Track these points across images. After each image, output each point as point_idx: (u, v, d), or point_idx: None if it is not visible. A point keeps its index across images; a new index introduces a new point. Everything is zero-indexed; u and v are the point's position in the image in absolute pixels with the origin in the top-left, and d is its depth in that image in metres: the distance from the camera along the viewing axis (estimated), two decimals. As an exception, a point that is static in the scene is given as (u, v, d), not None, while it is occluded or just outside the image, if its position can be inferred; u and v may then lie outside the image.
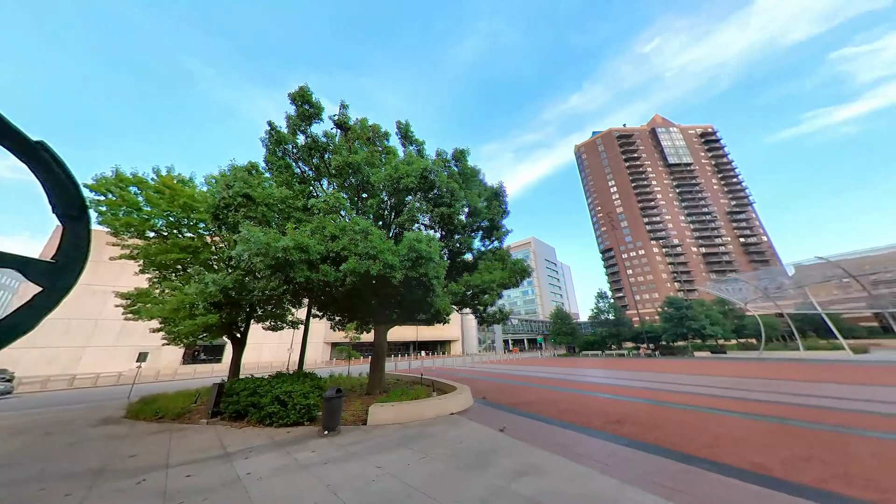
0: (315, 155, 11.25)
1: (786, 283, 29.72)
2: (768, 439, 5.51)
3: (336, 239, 7.75)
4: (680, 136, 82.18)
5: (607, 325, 38.47)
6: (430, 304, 8.28)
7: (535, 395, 10.88)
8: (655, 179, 77.17)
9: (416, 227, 10.67)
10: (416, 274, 7.11)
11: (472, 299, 10.11)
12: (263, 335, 33.06)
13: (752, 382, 12.39)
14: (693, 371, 17.32)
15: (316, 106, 10.12)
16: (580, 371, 19.61)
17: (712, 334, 30.79)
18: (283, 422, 7.04)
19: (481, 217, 10.55)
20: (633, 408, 8.40)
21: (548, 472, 4.32)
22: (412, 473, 4.34)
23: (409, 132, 12.82)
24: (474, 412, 8.20)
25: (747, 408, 7.98)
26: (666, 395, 10.19)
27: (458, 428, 6.63)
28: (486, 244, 12.80)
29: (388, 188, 9.17)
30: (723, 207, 74.50)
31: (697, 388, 11.42)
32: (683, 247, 70.60)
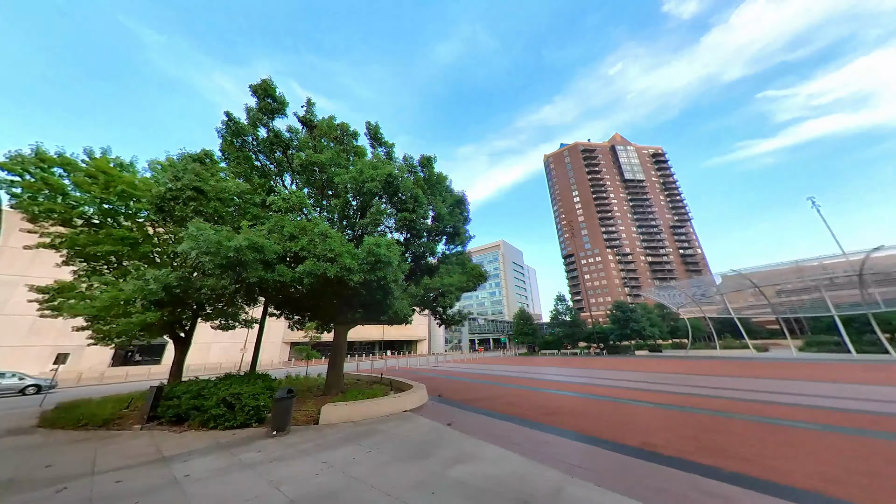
0: (278, 149, 10.93)
1: (712, 290, 34.38)
2: (666, 423, 6.65)
3: (295, 239, 7.72)
4: (635, 154, 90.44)
5: (564, 326, 41.31)
6: (389, 305, 8.56)
7: (487, 391, 11.64)
8: (613, 192, 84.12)
9: (381, 228, 10.87)
10: (375, 277, 7.37)
11: (432, 301, 10.56)
12: (213, 334, 30.61)
13: (672, 377, 14.36)
14: (629, 368, 19.49)
15: (280, 101, 9.87)
16: (533, 369, 21.04)
17: (651, 335, 34.59)
18: (230, 424, 6.89)
19: (445, 223, 11.03)
20: (568, 401, 9.44)
21: (480, 458, 4.88)
22: (356, 466, 4.64)
23: (378, 134, 12.92)
24: (428, 409, 8.65)
25: (660, 399, 9.38)
26: (599, 389, 11.51)
27: (409, 424, 7.02)
28: (451, 248, 13.34)
29: (353, 190, 9.27)
30: (667, 221, 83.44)
31: (626, 382, 13.00)
32: (633, 255, 77.86)
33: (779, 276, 28.67)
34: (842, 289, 26.63)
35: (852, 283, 24.54)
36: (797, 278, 27.00)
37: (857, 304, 24.60)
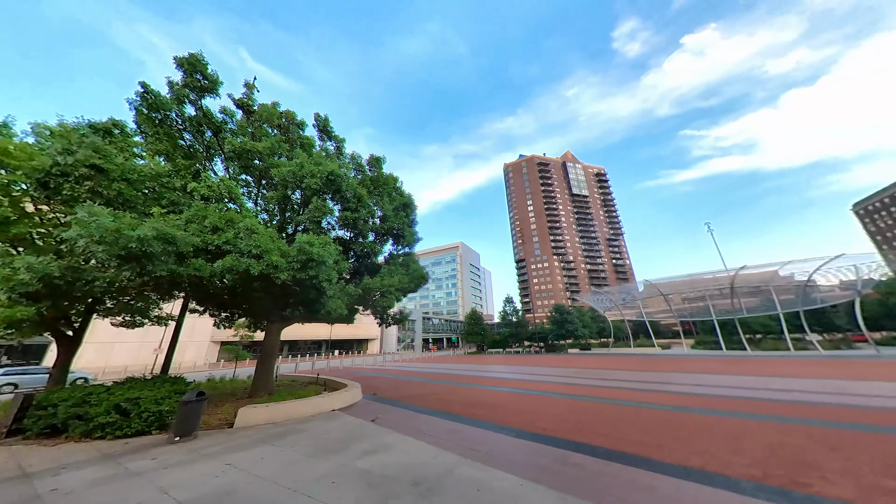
0: (207, 130, 9.97)
1: (635, 297, 39.88)
2: (570, 412, 7.76)
3: (219, 231, 7.22)
4: (582, 172, 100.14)
5: (510, 326, 44.08)
6: (323, 304, 8.45)
7: (423, 388, 12.10)
8: (562, 205, 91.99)
9: (325, 225, 10.61)
10: (306, 276, 7.25)
11: (372, 301, 10.64)
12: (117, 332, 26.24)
13: (590, 372, 16.47)
14: (557, 364, 21.75)
15: (211, 79, 9.02)
16: (474, 366, 22.23)
17: (582, 335, 38.82)
18: (122, 432, 6.19)
19: (390, 224, 11.18)
20: (493, 395, 10.34)
21: (393, 449, 5.23)
22: (263, 465, 4.64)
23: (328, 127, 12.54)
24: (358, 407, 8.75)
25: (573, 391, 10.79)
26: (525, 383, 12.75)
27: (333, 422, 7.08)
28: (398, 249, 13.51)
29: (291, 185, 8.93)
30: (604, 234, 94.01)
31: (550, 377, 14.59)
32: (575, 263, 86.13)
33: (678, 287, 34.43)
34: (721, 298, 33.08)
35: (726, 294, 30.68)
36: (690, 289, 32.82)
37: (729, 311, 30.84)
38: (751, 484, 3.68)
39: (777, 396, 8.64)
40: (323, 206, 8.70)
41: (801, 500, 3.31)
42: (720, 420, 6.52)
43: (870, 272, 24.47)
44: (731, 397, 8.75)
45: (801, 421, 6.24)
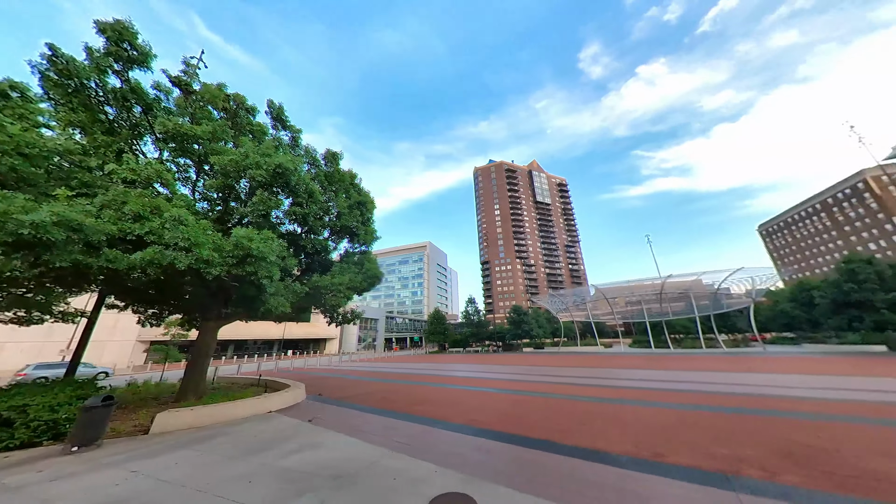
0: (136, 106, 8.98)
1: (586, 299, 43.34)
2: (502, 405, 8.36)
3: (141, 220, 6.60)
4: (546, 181, 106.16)
5: (471, 326, 45.33)
6: (263, 301, 8.11)
7: (372, 388, 12.11)
8: (526, 211, 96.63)
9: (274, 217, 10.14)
10: (244, 272, 6.93)
11: (319, 300, 10.41)
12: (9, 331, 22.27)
13: (534, 369, 17.67)
14: (511, 362, 22.98)
15: (143, 52, 8.14)
16: (431, 365, 22.60)
17: (536, 335, 41.30)
18: (2, 445, 5.40)
19: (343, 221, 11.02)
20: (439, 392, 10.73)
21: (323, 446, 5.28)
22: (173, 470, 4.42)
23: (282, 116, 11.96)
24: (299, 408, 8.54)
25: (513, 386, 11.56)
26: (473, 380, 13.36)
27: (265, 423, 6.88)
28: (354, 247, 13.33)
29: (233, 175, 8.42)
30: (563, 241, 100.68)
31: (496, 374, 15.44)
32: (536, 267, 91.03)
33: (621, 291, 38.26)
34: (655, 303, 37.42)
35: (657, 299, 34.81)
36: (629, 294, 36.69)
37: (659, 314, 35.09)
38: (625, 458, 4.43)
39: (675, 387, 10.18)
40: (268, 200, 8.34)
41: (651, 467, 4.08)
42: (622, 408, 7.56)
43: (762, 283, 29.54)
44: (640, 388, 10.11)
45: (681, 406, 7.49)
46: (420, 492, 3.60)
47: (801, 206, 75.37)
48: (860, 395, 8.16)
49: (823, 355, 19.86)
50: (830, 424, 5.69)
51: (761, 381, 10.87)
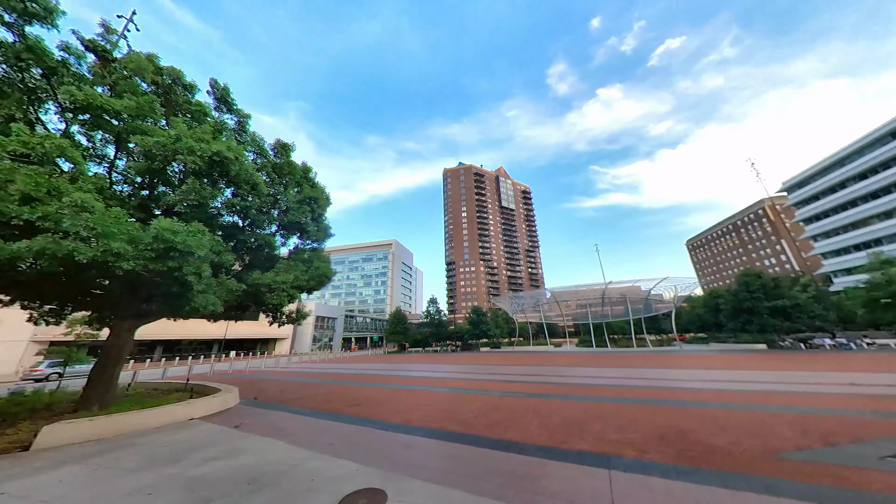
0: (35, 67, 7.67)
1: (542, 301, 46.08)
2: (436, 402, 8.68)
3: (33, 203, 5.70)
4: (511, 187, 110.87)
5: (432, 326, 45.66)
6: (189, 299, 7.45)
7: (316, 390, 11.74)
8: (492, 215, 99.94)
9: (215, 205, 9.34)
10: (165, 267, 6.33)
11: (260, 298, 9.84)
12: None
13: (484, 367, 18.46)
14: (464, 361, 23.68)
15: (44, 5, 6.98)
16: (386, 365, 22.43)
17: (494, 335, 43.00)
18: None
19: (291, 216, 10.53)
20: (383, 392, 10.78)
21: (245, 452, 5.08)
22: (54, 489, 3.94)
23: (227, 98, 11.04)
24: (229, 413, 8.01)
25: (460, 384, 12.01)
26: (420, 380, 13.61)
27: (183, 432, 6.37)
28: (305, 243, 12.77)
29: (161, 159, 7.61)
30: (524, 245, 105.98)
31: (448, 373, 15.88)
32: (498, 269, 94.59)
33: (572, 295, 41.46)
34: (599, 306, 41.19)
35: (600, 303, 38.42)
36: (577, 297, 39.99)
37: (602, 316, 38.79)
38: (534, 447, 4.97)
39: (600, 382, 11.46)
40: (202, 190, 7.68)
41: (554, 453, 4.65)
42: (549, 402, 8.35)
43: (683, 290, 34.24)
44: (571, 384, 11.20)
45: (599, 399, 8.51)
46: (335, 490, 3.70)
47: (718, 226, 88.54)
48: (736, 385, 9.98)
49: (721, 353, 23.70)
50: (703, 410, 6.93)
51: (669, 375, 12.69)
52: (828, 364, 14.31)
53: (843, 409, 6.53)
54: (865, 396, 7.62)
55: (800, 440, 4.75)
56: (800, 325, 24.97)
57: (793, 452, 4.28)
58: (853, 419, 5.82)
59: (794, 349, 23.90)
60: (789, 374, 11.93)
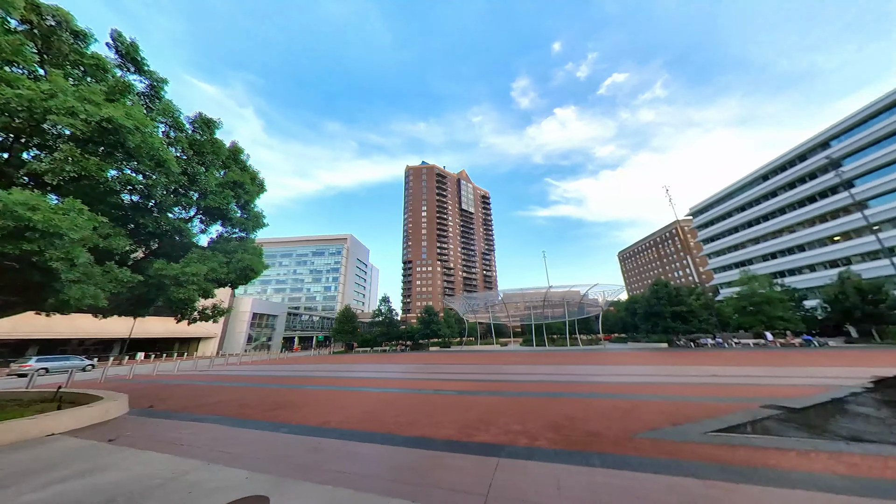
0: None
1: (495, 302, 48.04)
2: (363, 403, 8.56)
3: None
4: (472, 191, 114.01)
5: (383, 325, 44.66)
6: (57, 290, 6.19)
7: (235, 394, 10.69)
8: (451, 216, 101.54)
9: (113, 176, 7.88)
10: (17, 250, 5.16)
11: (164, 291, 8.61)
12: None
13: (428, 367, 18.67)
14: (409, 361, 23.65)
15: None
16: (325, 366, 21.34)
17: (444, 334, 43.74)
18: None
19: (209, 201, 9.41)
20: (309, 395, 10.27)
21: (111, 469, 4.39)
22: None
23: (135, 55, 9.43)
24: (108, 425, 6.84)
25: (391, 384, 11.95)
26: (357, 381, 13.26)
27: (34, 449, 5.27)
28: (232, 232, 11.54)
29: (25, 117, 6.19)
30: (481, 248, 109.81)
31: (384, 373, 15.73)
32: (454, 270, 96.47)
33: (519, 297, 44.09)
34: (542, 308, 44.53)
35: (542, 305, 41.63)
36: (523, 300, 42.78)
37: (542, 318, 42.07)
38: (441, 441, 5.21)
39: (526, 378, 12.43)
40: (80, 160, 6.43)
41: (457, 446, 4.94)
42: (474, 398, 8.82)
43: (610, 295, 38.89)
44: (500, 381, 11.96)
45: (519, 394, 9.25)
46: (213, 501, 3.43)
47: (642, 241, 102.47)
48: (632, 378, 11.67)
49: (633, 350, 27.51)
50: (598, 401, 7.97)
51: (585, 371, 14.31)
52: (703, 359, 17.55)
53: (697, 396, 8.09)
54: (717, 385, 9.53)
55: (655, 422, 5.77)
56: (692, 327, 30.21)
57: (645, 433, 5.19)
58: (701, 404, 7.25)
59: (686, 347, 28.80)
60: (674, 367, 14.36)
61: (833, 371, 11.53)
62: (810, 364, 13.84)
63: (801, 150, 41.15)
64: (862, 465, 3.85)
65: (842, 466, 3.81)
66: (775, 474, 3.65)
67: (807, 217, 40.60)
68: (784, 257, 43.52)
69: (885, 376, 10.15)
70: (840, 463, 3.92)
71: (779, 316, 28.39)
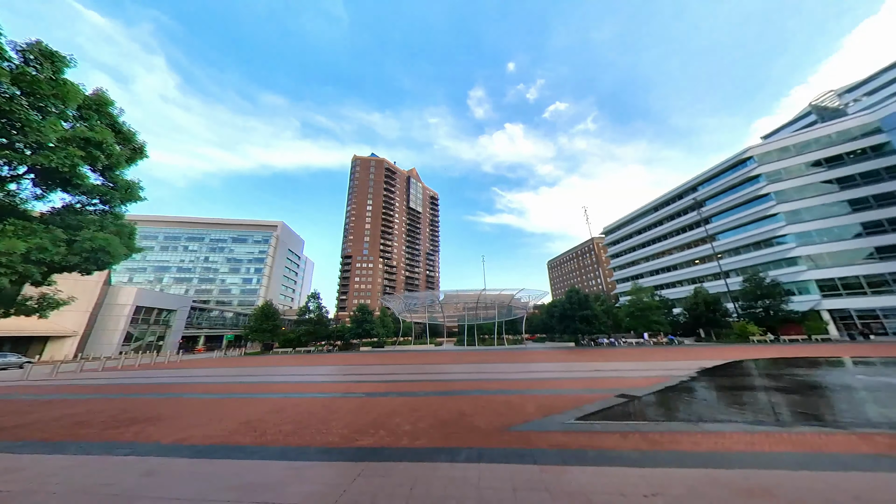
0: None
1: (435, 302, 48.22)
2: (244, 413, 7.59)
3: None
4: (421, 191, 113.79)
5: (310, 324, 41.00)
6: None
7: (75, 409, 8.37)
8: (398, 214, 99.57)
9: None
10: None
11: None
12: None
13: (348, 368, 17.70)
14: (329, 363, 22.16)
15: None
16: (226, 371, 18.53)
17: (378, 334, 42.38)
18: None
19: (46, 158, 7.21)
20: (175, 406, 8.71)
21: None
22: None
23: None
24: None
25: (294, 389, 10.93)
26: (246, 387, 11.79)
27: None
28: (86, 202, 9.06)
29: None
30: (425, 248, 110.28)
31: (294, 377, 14.42)
32: (397, 268, 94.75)
33: (457, 298, 45.34)
34: (474, 309, 46.66)
35: (476, 306, 43.72)
36: (458, 301, 44.28)
37: (475, 318, 44.20)
38: (317, 449, 4.85)
39: (441, 377, 12.73)
40: None
41: (335, 453, 4.67)
42: (373, 400, 8.61)
43: (535, 299, 42.95)
44: (412, 381, 12.00)
45: (421, 394, 9.37)
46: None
47: (566, 253, 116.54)
48: (534, 374, 12.93)
49: (547, 349, 30.87)
50: (496, 398, 8.55)
51: (500, 368, 15.37)
52: (595, 356, 20.61)
53: (575, 389, 9.35)
54: (594, 379, 11.20)
55: (532, 415, 6.42)
56: (594, 329, 35.40)
57: (519, 425, 5.71)
58: (574, 396, 8.38)
59: (588, 346, 33.58)
60: (570, 364, 16.48)
61: (678, 364, 14.69)
62: (667, 359, 17.43)
63: (679, 191, 52.13)
64: (661, 441, 4.86)
65: (645, 443, 4.76)
66: (600, 454, 4.35)
67: (679, 244, 51.54)
68: (663, 274, 54.41)
69: (706, 367, 13.37)
70: (645, 441, 4.88)
71: (655, 320, 35.30)
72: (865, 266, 32.73)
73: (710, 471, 3.72)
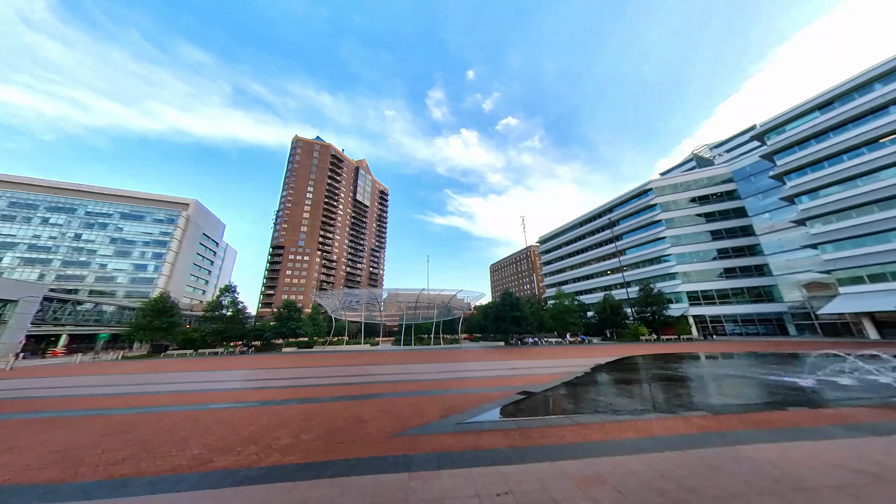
0: None
1: (378, 300, 45.97)
2: (45, 436, 5.94)
3: None
4: (370, 184, 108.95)
5: (220, 321, 35.34)
6: None
7: None
8: (342, 205, 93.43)
9: None
10: None
11: None
12: None
13: (249, 373, 15.60)
14: (234, 366, 19.33)
15: None
16: (74, 380, 14.60)
17: (305, 333, 38.75)
18: None
19: None
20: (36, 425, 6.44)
21: None
22: None
23: None
24: None
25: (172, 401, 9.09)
26: (93, 400, 9.48)
27: None
28: None
29: None
30: (371, 244, 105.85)
31: (162, 385, 12.13)
32: (338, 263, 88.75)
33: (399, 297, 44.33)
34: (414, 309, 46.28)
35: (415, 306, 43.50)
36: (397, 300, 43.48)
37: (414, 318, 43.94)
38: (145, 480, 3.92)
39: (361, 380, 12.09)
40: None
41: (189, 480, 3.83)
42: (268, 409, 7.65)
43: (472, 300, 44.66)
44: (328, 385, 11.11)
45: (330, 399, 8.70)
46: None
47: (506, 258, 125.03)
48: (456, 374, 13.18)
49: (479, 348, 32.33)
50: (404, 399, 8.36)
51: (425, 369, 15.33)
52: (517, 355, 22.26)
53: (485, 387, 9.77)
54: (505, 377, 11.94)
55: (430, 417, 6.39)
56: (523, 329, 38.47)
57: (411, 430, 5.60)
58: (481, 394, 8.73)
59: (516, 345, 36.30)
60: (493, 363, 17.42)
61: (581, 361, 16.70)
62: (575, 356, 19.73)
63: (600, 210, 60.43)
64: (534, 436, 5.24)
65: (521, 439, 5.08)
66: (476, 455, 4.45)
67: (596, 256, 59.68)
68: (583, 282, 62.31)
69: (600, 363, 15.49)
70: (522, 436, 5.21)
71: (572, 322, 40.05)
72: (717, 283, 42.65)
73: (561, 462, 4.08)
